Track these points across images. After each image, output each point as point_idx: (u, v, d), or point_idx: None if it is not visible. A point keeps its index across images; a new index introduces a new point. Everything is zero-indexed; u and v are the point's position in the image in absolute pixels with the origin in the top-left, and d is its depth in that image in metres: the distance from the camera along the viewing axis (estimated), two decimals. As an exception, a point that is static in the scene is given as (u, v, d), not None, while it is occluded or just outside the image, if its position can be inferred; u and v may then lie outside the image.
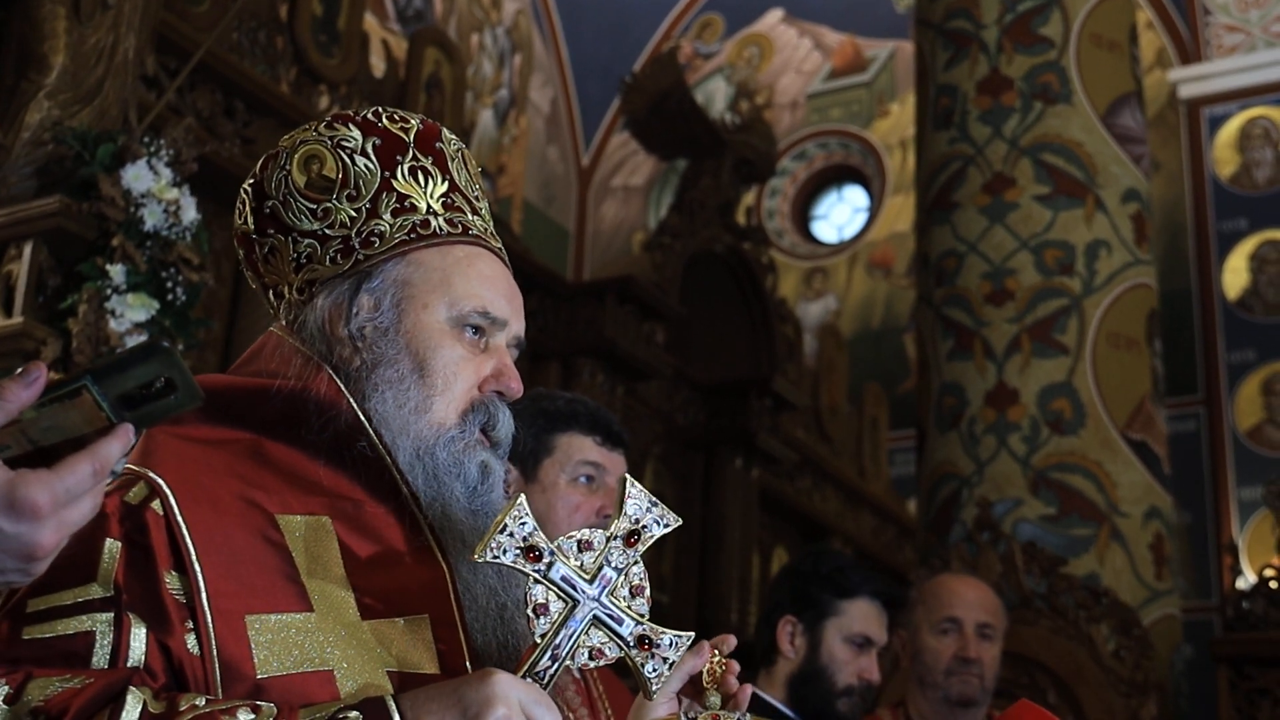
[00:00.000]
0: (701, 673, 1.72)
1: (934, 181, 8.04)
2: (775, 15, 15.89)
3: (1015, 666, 6.16)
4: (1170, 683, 7.01)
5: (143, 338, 4.72)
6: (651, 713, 1.67)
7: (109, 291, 4.74)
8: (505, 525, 1.48)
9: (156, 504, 1.54)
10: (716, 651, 1.75)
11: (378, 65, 8.33)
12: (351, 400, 1.68)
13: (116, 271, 4.76)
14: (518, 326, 1.79)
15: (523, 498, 1.50)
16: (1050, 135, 7.70)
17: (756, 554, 9.66)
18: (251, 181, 1.80)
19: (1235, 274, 12.55)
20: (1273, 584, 6.58)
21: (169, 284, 4.84)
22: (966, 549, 6.77)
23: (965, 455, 7.37)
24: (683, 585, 8.88)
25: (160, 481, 1.56)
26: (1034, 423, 7.25)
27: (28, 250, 4.83)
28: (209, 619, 1.49)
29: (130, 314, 4.73)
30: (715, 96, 15.52)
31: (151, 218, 4.85)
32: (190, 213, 4.97)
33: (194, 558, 1.51)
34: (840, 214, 15.77)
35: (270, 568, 1.57)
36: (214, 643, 1.49)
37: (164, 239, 4.88)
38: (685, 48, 15.69)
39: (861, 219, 15.45)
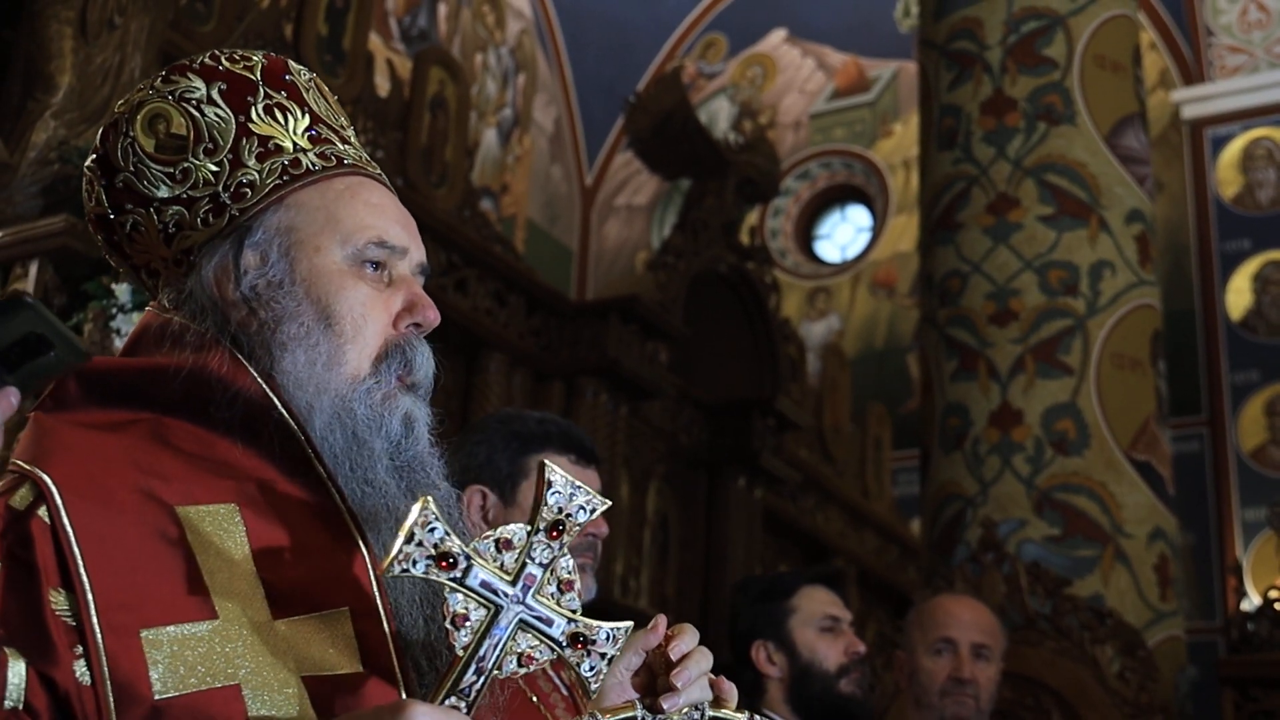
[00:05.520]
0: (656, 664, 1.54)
1: (938, 202, 8.04)
2: (778, 35, 15.92)
3: (1019, 688, 6.14)
4: (1175, 704, 6.99)
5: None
6: (606, 699, 1.51)
7: (114, 311, 4.75)
8: (413, 534, 1.32)
9: (43, 510, 1.41)
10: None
11: (382, 85, 8.36)
12: (254, 372, 1.54)
13: (122, 291, 4.76)
14: (418, 253, 1.65)
15: (430, 500, 1.34)
16: (1054, 156, 7.71)
17: (760, 574, 9.64)
18: (95, 157, 1.64)
19: (1238, 294, 12.55)
20: (1278, 605, 6.57)
21: (174, 303, 4.84)
22: (970, 569, 6.75)
23: (969, 476, 7.36)
24: (685, 605, 8.87)
25: (48, 480, 1.42)
26: (1038, 443, 7.24)
27: (34, 269, 4.85)
28: (99, 638, 1.35)
29: (135, 333, 4.73)
30: (718, 116, 15.55)
31: (157, 237, 4.85)
32: (196, 232, 4.97)
33: (81, 569, 1.37)
34: (843, 234, 15.78)
35: (169, 571, 1.42)
36: (105, 664, 1.35)
37: (170, 258, 4.88)
38: (689, 67, 15.72)
39: (865, 239, 15.46)
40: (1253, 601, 8.75)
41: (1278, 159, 12.81)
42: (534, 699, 2.25)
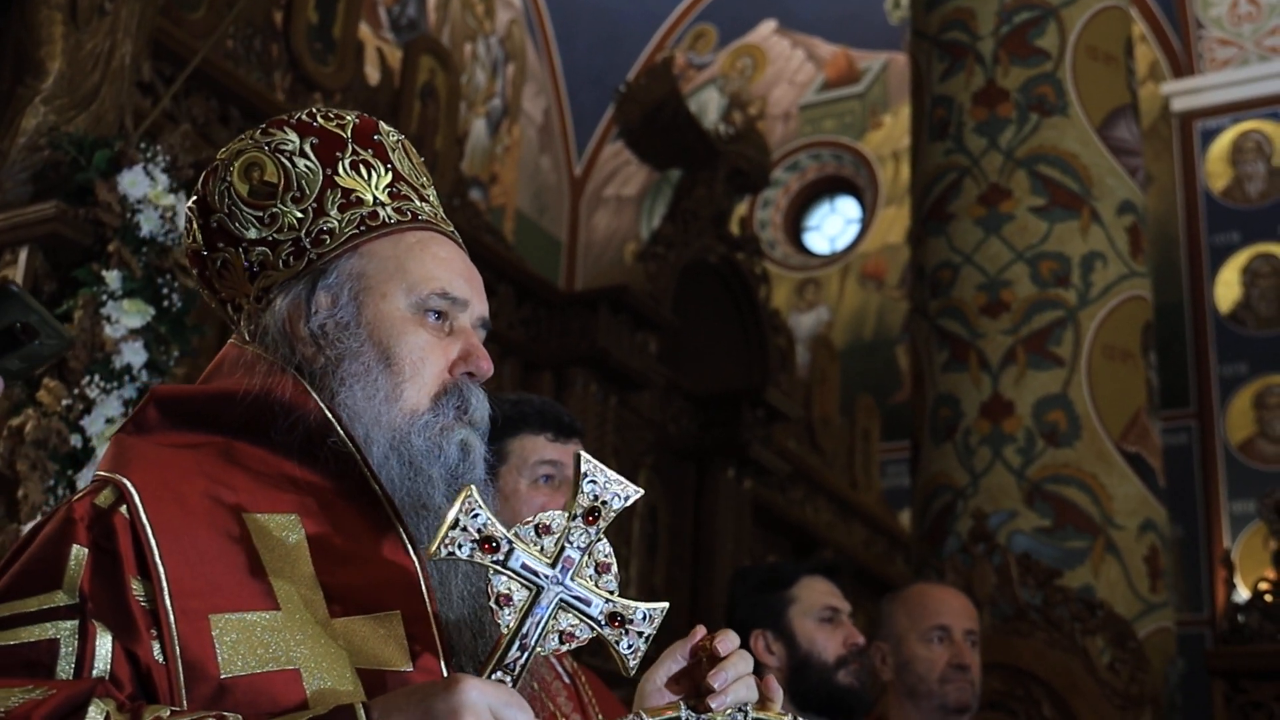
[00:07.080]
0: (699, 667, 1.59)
1: (929, 193, 8.04)
2: (768, 26, 15.90)
3: (1010, 679, 6.15)
4: (1165, 696, 7.01)
5: (138, 344, 4.69)
6: (649, 702, 1.59)
7: (105, 298, 4.72)
8: (457, 519, 1.43)
9: (124, 509, 1.54)
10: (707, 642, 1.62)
11: (372, 74, 8.32)
12: (318, 398, 1.66)
13: (112, 277, 4.73)
14: (480, 307, 1.77)
15: (473, 488, 1.45)
16: (1046, 147, 7.71)
17: (750, 565, 9.63)
18: (195, 198, 1.78)
19: (1227, 287, 12.56)
20: (1268, 597, 6.58)
21: (165, 290, 4.82)
22: (961, 561, 6.76)
23: (960, 467, 7.37)
24: (674, 596, 8.85)
25: (128, 484, 1.55)
26: (1029, 434, 7.24)
27: (23, 256, 4.81)
28: (171, 619, 1.48)
29: (126, 320, 4.70)
30: (708, 107, 15.52)
31: (148, 224, 4.83)
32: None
33: (157, 558, 1.50)
34: (832, 225, 15.78)
35: (236, 566, 1.55)
36: (177, 643, 1.47)
37: (160, 245, 4.86)
38: (678, 58, 15.69)
39: (854, 230, 15.46)
40: (1241, 594, 8.78)
41: (1267, 152, 12.82)
42: (534, 686, 2.23)
